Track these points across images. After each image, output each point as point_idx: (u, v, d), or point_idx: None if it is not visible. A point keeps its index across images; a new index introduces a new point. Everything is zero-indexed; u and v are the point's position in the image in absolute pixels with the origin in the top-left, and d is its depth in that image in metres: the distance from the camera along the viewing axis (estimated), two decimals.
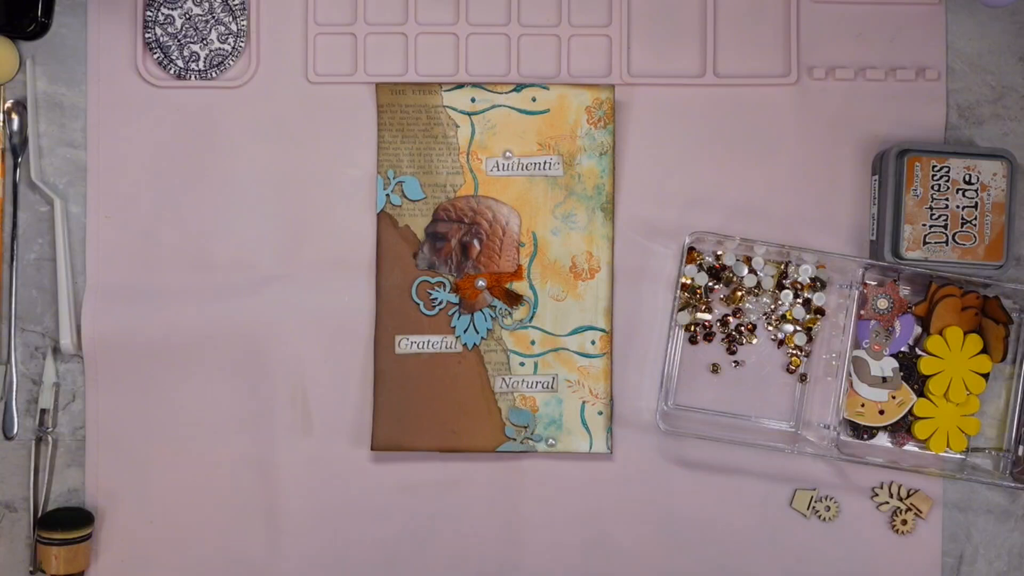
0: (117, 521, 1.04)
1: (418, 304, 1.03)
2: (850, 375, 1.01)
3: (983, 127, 1.05)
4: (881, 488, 1.04)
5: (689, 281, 1.02)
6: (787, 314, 1.03)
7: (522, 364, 1.03)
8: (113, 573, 1.04)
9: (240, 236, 1.04)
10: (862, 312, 1.01)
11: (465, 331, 1.03)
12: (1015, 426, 1.03)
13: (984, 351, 1.01)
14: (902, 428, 1.03)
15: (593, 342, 1.03)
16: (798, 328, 1.03)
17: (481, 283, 1.03)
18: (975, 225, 0.99)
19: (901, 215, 0.99)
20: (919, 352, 1.02)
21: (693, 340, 1.04)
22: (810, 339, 1.03)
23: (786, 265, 1.03)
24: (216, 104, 1.05)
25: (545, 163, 1.03)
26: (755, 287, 1.02)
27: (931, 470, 1.02)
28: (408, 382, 1.03)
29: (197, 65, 1.04)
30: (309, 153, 1.04)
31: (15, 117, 1.04)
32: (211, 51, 1.04)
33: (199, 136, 1.04)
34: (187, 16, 1.04)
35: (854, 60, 1.05)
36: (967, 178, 0.99)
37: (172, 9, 1.04)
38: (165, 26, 1.04)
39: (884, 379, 1.02)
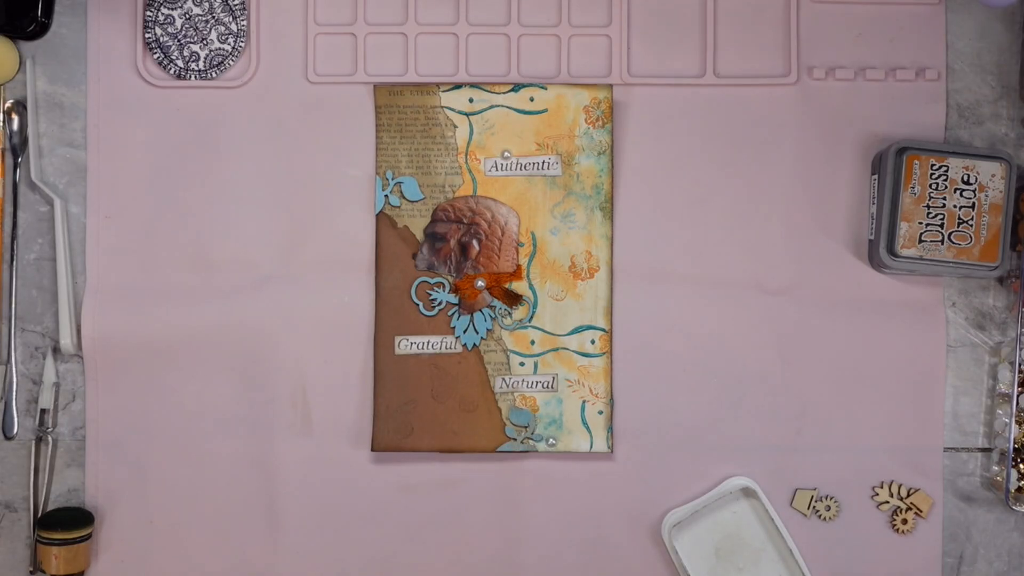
0: (117, 521, 1.04)
1: (417, 305, 1.03)
2: None
3: (983, 127, 1.05)
4: (881, 488, 1.04)
5: None
6: None
7: (522, 364, 1.03)
8: (113, 573, 1.04)
9: (240, 236, 1.04)
10: None
11: (465, 331, 1.03)
12: None
13: None
14: None
15: (593, 341, 1.03)
16: None
17: (480, 283, 1.03)
18: (971, 225, 0.99)
19: (898, 212, 0.99)
20: None
21: None
22: None
23: None
24: (216, 104, 1.05)
25: (543, 163, 1.03)
26: None
27: None
28: (408, 382, 1.03)
29: (197, 65, 1.04)
30: (309, 153, 1.04)
31: (15, 117, 1.04)
32: (211, 51, 1.04)
33: (199, 136, 1.04)
34: (187, 16, 1.04)
35: (854, 60, 1.05)
36: (965, 178, 0.99)
37: (172, 9, 1.04)
38: (165, 26, 1.04)
39: None
